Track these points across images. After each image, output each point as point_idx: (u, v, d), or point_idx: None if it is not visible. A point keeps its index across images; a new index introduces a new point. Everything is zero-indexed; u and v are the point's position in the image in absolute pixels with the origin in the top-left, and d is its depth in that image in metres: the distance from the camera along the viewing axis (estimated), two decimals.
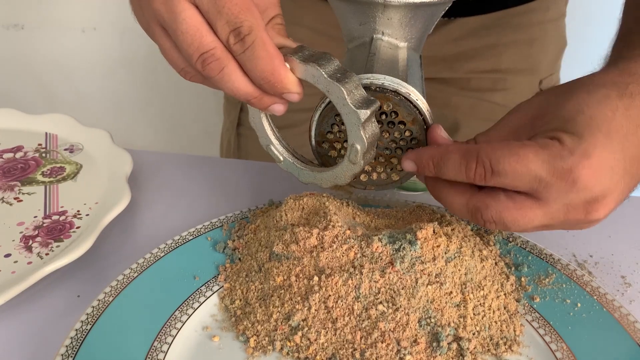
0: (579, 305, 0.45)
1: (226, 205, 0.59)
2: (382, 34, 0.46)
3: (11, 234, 0.53)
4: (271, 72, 0.37)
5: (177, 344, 0.42)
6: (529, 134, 0.40)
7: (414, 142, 0.45)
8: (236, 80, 0.38)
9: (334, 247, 0.44)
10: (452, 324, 0.42)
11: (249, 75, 0.38)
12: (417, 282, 0.43)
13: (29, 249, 0.51)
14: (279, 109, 0.41)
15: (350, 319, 0.42)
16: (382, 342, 0.41)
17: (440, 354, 0.41)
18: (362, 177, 0.47)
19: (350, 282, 0.42)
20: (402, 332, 0.41)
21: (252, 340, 0.42)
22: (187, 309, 0.45)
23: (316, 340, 0.42)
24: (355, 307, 0.42)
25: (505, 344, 0.43)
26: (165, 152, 0.70)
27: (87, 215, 0.56)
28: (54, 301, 0.48)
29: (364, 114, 0.39)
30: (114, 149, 0.64)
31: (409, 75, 0.45)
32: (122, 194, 0.55)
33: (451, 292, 0.43)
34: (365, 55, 0.45)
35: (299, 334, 0.42)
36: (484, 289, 0.45)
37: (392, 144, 0.45)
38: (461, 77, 0.76)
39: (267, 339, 0.42)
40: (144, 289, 0.45)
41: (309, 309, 0.42)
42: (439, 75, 0.76)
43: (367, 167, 0.47)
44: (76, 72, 1.58)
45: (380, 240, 0.44)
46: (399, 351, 0.41)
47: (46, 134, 0.69)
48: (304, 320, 0.42)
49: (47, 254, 0.50)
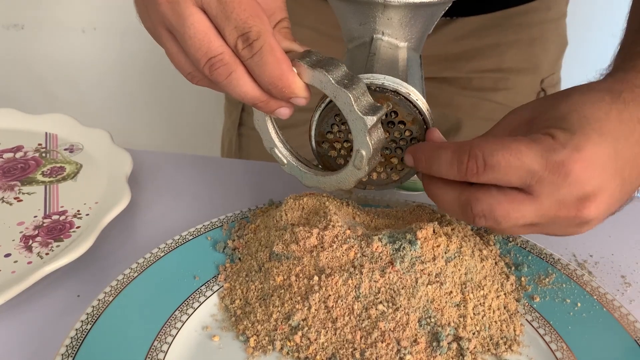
0: (579, 305, 0.45)
1: (226, 205, 0.59)
2: (382, 34, 0.46)
3: (11, 233, 0.53)
4: (279, 77, 0.38)
5: (177, 344, 0.42)
6: (525, 135, 0.40)
7: (413, 142, 0.45)
8: (244, 85, 0.38)
9: (334, 246, 0.44)
10: (452, 324, 0.42)
11: (256, 80, 0.38)
12: (417, 282, 0.43)
13: (29, 249, 0.51)
14: (285, 112, 0.41)
15: (350, 318, 0.42)
16: (382, 342, 0.41)
17: (440, 354, 0.41)
18: (362, 177, 0.47)
19: (350, 281, 0.42)
20: (402, 332, 0.41)
21: (252, 340, 0.42)
22: (187, 309, 0.45)
23: (316, 340, 0.42)
24: (355, 307, 0.42)
25: (505, 344, 0.43)
26: (165, 152, 0.70)
27: (87, 215, 0.56)
28: (54, 301, 0.48)
29: (371, 121, 0.39)
30: (114, 149, 0.64)
31: (409, 75, 0.45)
32: (122, 194, 0.55)
33: (451, 292, 0.43)
34: (365, 55, 0.45)
35: (299, 333, 0.42)
36: (484, 289, 0.45)
37: (392, 144, 0.45)
38: (463, 76, 0.76)
39: (267, 338, 0.42)
40: (144, 289, 0.45)
41: (309, 308, 0.42)
42: (440, 74, 0.76)
43: None
44: (76, 72, 1.58)
45: (380, 240, 0.44)
46: (399, 351, 0.41)
47: (46, 134, 0.69)
48: (304, 320, 0.42)
49: (47, 254, 0.50)
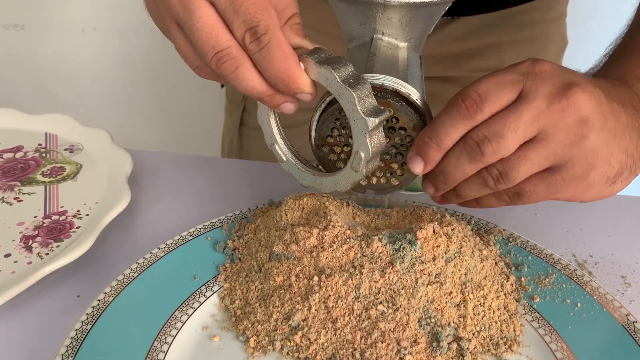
0: (579, 305, 0.45)
1: (226, 205, 0.59)
2: (382, 34, 0.46)
3: (11, 234, 0.53)
4: (285, 72, 0.38)
5: (177, 344, 0.42)
6: None
7: None
8: (251, 79, 0.38)
9: (334, 247, 0.44)
10: (452, 324, 0.42)
11: (263, 74, 0.38)
12: (417, 282, 0.43)
13: (29, 249, 0.51)
14: (290, 107, 0.41)
15: (350, 319, 0.42)
16: (382, 342, 0.41)
17: (440, 354, 0.41)
18: (362, 182, 0.47)
19: (350, 282, 0.42)
20: (402, 332, 0.41)
21: (252, 340, 0.42)
22: (187, 309, 0.45)
23: (316, 340, 0.41)
24: (355, 307, 0.42)
25: (505, 344, 0.43)
26: (165, 152, 0.70)
27: (87, 215, 0.55)
28: (54, 301, 0.48)
29: (372, 122, 0.39)
30: (114, 149, 0.64)
31: (409, 75, 0.45)
32: (122, 194, 0.55)
33: (451, 292, 0.43)
34: (365, 55, 0.45)
35: (299, 334, 0.42)
36: (484, 289, 0.45)
37: (393, 149, 0.45)
38: (464, 75, 0.76)
39: (267, 339, 0.42)
40: (144, 289, 0.45)
41: (309, 309, 0.42)
42: (441, 73, 0.76)
43: None
44: (76, 72, 1.58)
45: (380, 240, 0.44)
46: (399, 351, 0.41)
47: (46, 134, 0.69)
48: (304, 320, 0.42)
49: (47, 254, 0.50)
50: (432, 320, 0.42)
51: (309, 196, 0.50)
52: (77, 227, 0.54)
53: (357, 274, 0.42)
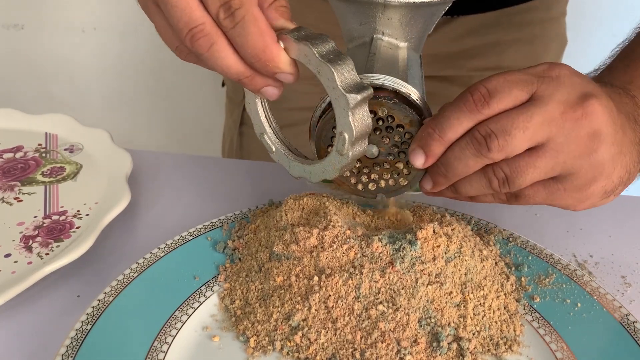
0: (579, 305, 0.45)
1: (226, 205, 0.59)
2: (382, 34, 0.46)
3: (11, 234, 0.53)
4: (262, 49, 0.36)
5: (177, 344, 0.42)
6: None
7: None
8: (226, 57, 0.37)
9: (334, 247, 0.44)
10: (452, 324, 0.42)
11: (239, 52, 0.37)
12: (417, 282, 0.43)
13: (29, 249, 0.51)
14: (272, 92, 0.39)
15: (350, 319, 0.42)
16: (382, 342, 0.41)
17: (440, 354, 0.41)
18: (371, 186, 0.46)
19: (350, 282, 0.42)
20: (402, 332, 0.41)
21: (252, 340, 0.42)
22: (187, 309, 0.45)
23: (316, 340, 0.41)
24: (355, 307, 0.42)
25: (505, 344, 0.43)
26: (165, 152, 0.70)
27: (87, 215, 0.55)
28: (54, 301, 0.48)
29: (354, 99, 0.37)
30: (114, 149, 0.64)
31: (409, 75, 0.44)
32: (122, 194, 0.55)
33: (451, 292, 0.43)
34: (365, 55, 0.45)
35: (299, 334, 0.42)
36: (484, 289, 0.45)
37: (395, 149, 0.45)
38: (464, 74, 0.76)
39: (267, 339, 0.42)
40: (144, 289, 0.45)
41: (309, 309, 0.42)
42: (441, 73, 0.76)
43: (374, 175, 0.46)
44: (76, 72, 1.58)
45: (380, 240, 0.44)
46: (399, 351, 0.41)
47: (46, 134, 0.69)
48: (304, 320, 0.42)
49: (47, 254, 0.50)
50: (432, 320, 0.42)
51: (309, 196, 0.50)
52: (77, 227, 0.54)
53: (357, 274, 0.42)
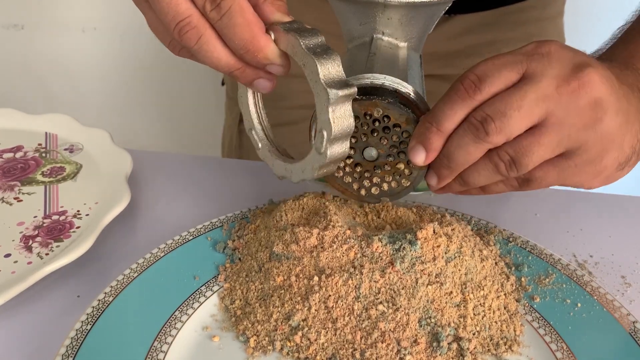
0: (579, 305, 0.45)
1: (226, 205, 0.59)
2: (382, 34, 0.46)
3: (11, 234, 0.53)
4: (250, 40, 0.36)
5: (177, 344, 0.42)
6: None
7: None
8: (215, 50, 0.37)
9: (334, 247, 0.44)
10: (452, 324, 0.42)
11: (228, 44, 0.37)
12: (417, 282, 0.43)
13: (29, 249, 0.51)
14: (264, 84, 0.39)
15: (350, 319, 0.42)
16: (382, 342, 0.41)
17: (440, 354, 0.41)
18: (374, 190, 0.46)
19: (350, 282, 0.42)
20: (402, 332, 0.41)
21: (252, 340, 0.42)
22: (187, 309, 0.45)
23: (316, 340, 0.41)
24: (355, 307, 0.42)
25: (505, 344, 0.43)
26: (165, 152, 0.70)
27: (87, 215, 0.55)
28: (54, 301, 0.48)
29: (334, 95, 0.36)
30: (114, 149, 0.64)
31: (409, 75, 0.44)
32: (122, 194, 0.55)
33: (451, 292, 0.43)
34: (365, 55, 0.45)
35: (299, 334, 0.42)
36: (484, 289, 0.45)
37: (394, 149, 0.44)
38: (460, 73, 0.76)
39: (267, 339, 0.42)
40: (144, 289, 0.45)
41: (309, 309, 0.42)
42: (438, 72, 0.76)
43: (375, 179, 0.45)
44: (76, 72, 1.58)
45: (380, 240, 0.44)
46: (399, 351, 0.41)
47: (46, 134, 0.69)
48: (304, 320, 0.42)
49: (47, 254, 0.50)
50: (432, 320, 0.42)
51: (309, 196, 0.50)
52: (77, 227, 0.54)
53: (357, 274, 0.42)
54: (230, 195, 0.61)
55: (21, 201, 0.58)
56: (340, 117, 0.37)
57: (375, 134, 0.43)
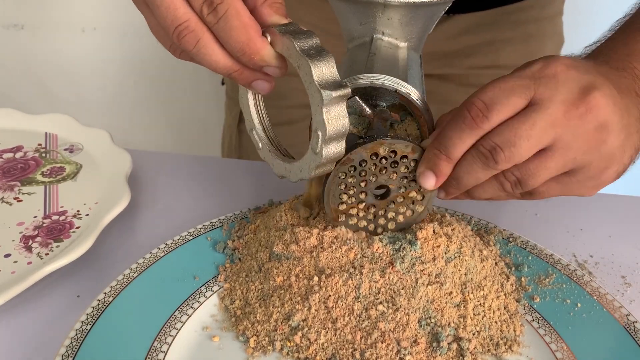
0: (579, 305, 0.45)
1: (226, 205, 0.59)
2: (382, 34, 0.46)
3: (11, 234, 0.53)
4: (246, 43, 0.36)
5: (177, 344, 0.42)
6: None
7: None
8: (213, 53, 0.37)
9: (334, 247, 0.44)
10: (452, 324, 0.42)
11: (226, 47, 0.37)
12: (417, 282, 0.43)
13: (29, 249, 0.51)
14: (263, 86, 0.39)
15: (350, 319, 0.42)
16: (382, 342, 0.41)
17: (440, 354, 0.41)
18: (390, 225, 0.45)
19: (350, 282, 0.42)
20: (402, 332, 0.41)
21: (252, 340, 0.42)
22: (187, 309, 0.45)
23: (316, 340, 0.41)
24: (355, 307, 0.42)
25: (505, 344, 0.43)
26: (165, 152, 0.70)
27: (87, 215, 0.55)
28: (54, 301, 0.48)
29: (328, 96, 0.36)
30: (114, 149, 0.64)
31: (409, 75, 0.44)
32: (122, 194, 0.55)
33: (451, 292, 0.43)
34: (365, 55, 0.45)
35: (299, 334, 0.42)
36: (484, 289, 0.45)
37: (404, 180, 0.44)
38: (460, 73, 0.76)
39: (267, 339, 0.42)
40: (144, 289, 0.45)
41: (309, 309, 0.42)
42: (437, 71, 0.76)
43: (391, 214, 0.45)
44: (76, 72, 1.58)
45: (380, 240, 0.44)
46: (399, 351, 0.41)
47: (46, 134, 0.69)
48: (304, 320, 0.42)
49: (47, 254, 0.50)
50: (432, 320, 0.42)
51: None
52: (77, 227, 0.54)
53: (357, 274, 0.42)
54: (230, 195, 0.61)
55: (21, 201, 0.58)
56: (334, 117, 0.37)
57: (384, 172, 0.43)
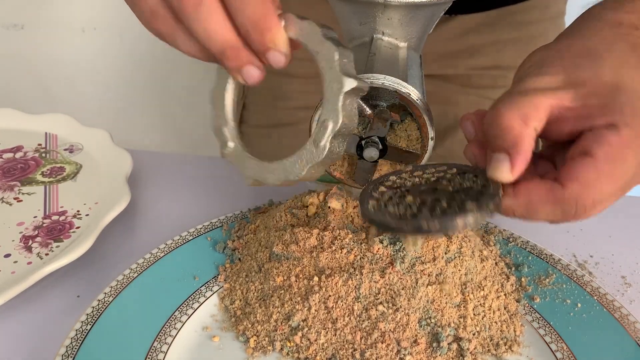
0: (579, 305, 0.45)
1: (226, 205, 0.59)
2: (382, 34, 0.46)
3: (11, 234, 0.53)
4: (262, 16, 0.32)
5: (177, 344, 0.42)
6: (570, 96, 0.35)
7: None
8: (216, 19, 0.33)
9: (334, 247, 0.44)
10: (452, 324, 0.42)
11: (235, 17, 0.33)
12: (417, 283, 0.43)
13: (29, 249, 0.51)
14: (254, 73, 0.35)
15: (350, 319, 0.42)
16: (382, 343, 0.41)
17: (440, 354, 0.41)
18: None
19: (350, 282, 0.42)
20: (402, 333, 0.41)
21: (252, 340, 0.42)
22: (187, 309, 0.45)
23: (316, 340, 0.41)
24: (355, 308, 0.42)
25: (505, 344, 0.43)
26: (165, 152, 0.70)
27: (87, 215, 0.55)
28: (54, 301, 0.48)
29: (350, 84, 0.34)
30: (114, 149, 0.64)
31: (409, 75, 0.44)
32: (122, 194, 0.55)
33: (451, 293, 0.43)
34: (365, 55, 0.45)
35: (299, 334, 0.42)
36: (484, 289, 0.45)
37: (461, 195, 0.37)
38: (462, 73, 0.76)
39: (267, 339, 0.42)
40: (144, 289, 0.45)
41: (309, 309, 0.42)
42: (439, 72, 0.76)
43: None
44: (76, 72, 1.58)
45: (380, 241, 0.44)
46: (399, 351, 0.41)
47: (46, 134, 0.69)
48: (304, 320, 0.42)
49: (47, 254, 0.50)
50: (432, 320, 0.42)
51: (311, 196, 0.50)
52: (77, 227, 0.54)
53: (357, 274, 0.42)
54: (230, 195, 0.61)
55: (21, 201, 0.58)
56: (349, 110, 0.35)
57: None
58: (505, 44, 0.74)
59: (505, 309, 0.45)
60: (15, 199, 0.58)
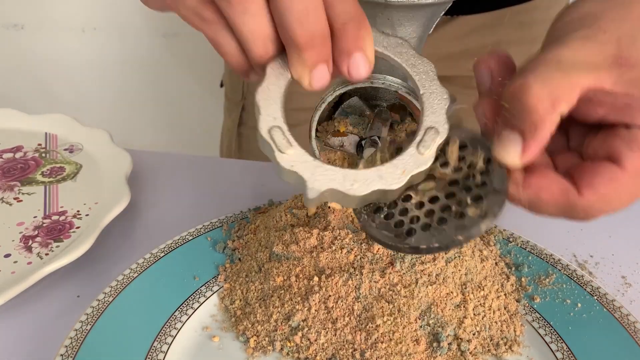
0: (580, 305, 0.45)
1: (226, 205, 0.59)
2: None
3: (11, 234, 0.53)
4: (361, 13, 0.30)
5: (177, 344, 0.42)
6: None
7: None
8: (313, 4, 0.28)
9: (334, 247, 0.44)
10: (452, 324, 0.42)
11: (329, 8, 0.29)
12: (417, 283, 0.43)
13: (29, 249, 0.51)
14: (325, 75, 0.31)
15: (350, 319, 0.42)
16: (382, 343, 0.41)
17: (440, 354, 0.41)
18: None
19: (350, 282, 0.42)
20: (402, 333, 0.41)
21: (252, 340, 0.42)
22: (187, 309, 0.45)
23: (316, 340, 0.41)
24: (355, 308, 0.42)
25: (505, 344, 0.43)
26: (165, 152, 0.70)
27: (87, 215, 0.55)
28: (53, 301, 0.48)
29: (452, 97, 0.35)
30: (114, 149, 0.64)
31: None
32: (122, 194, 0.55)
33: (451, 293, 0.43)
34: None
35: (299, 334, 0.42)
36: (484, 289, 0.45)
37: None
38: (464, 75, 0.76)
39: (267, 339, 0.42)
40: (144, 289, 0.45)
41: (309, 309, 0.42)
42: (441, 73, 0.76)
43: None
44: (76, 72, 1.58)
45: None
46: (399, 351, 0.41)
47: (46, 134, 0.69)
48: (304, 320, 0.42)
49: (46, 254, 0.50)
50: (432, 320, 0.42)
51: None
52: (77, 227, 0.54)
53: (357, 274, 0.42)
54: (230, 195, 0.61)
55: (21, 201, 0.58)
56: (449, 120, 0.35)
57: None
58: (507, 45, 0.74)
59: (505, 309, 0.45)
60: (15, 199, 0.58)
